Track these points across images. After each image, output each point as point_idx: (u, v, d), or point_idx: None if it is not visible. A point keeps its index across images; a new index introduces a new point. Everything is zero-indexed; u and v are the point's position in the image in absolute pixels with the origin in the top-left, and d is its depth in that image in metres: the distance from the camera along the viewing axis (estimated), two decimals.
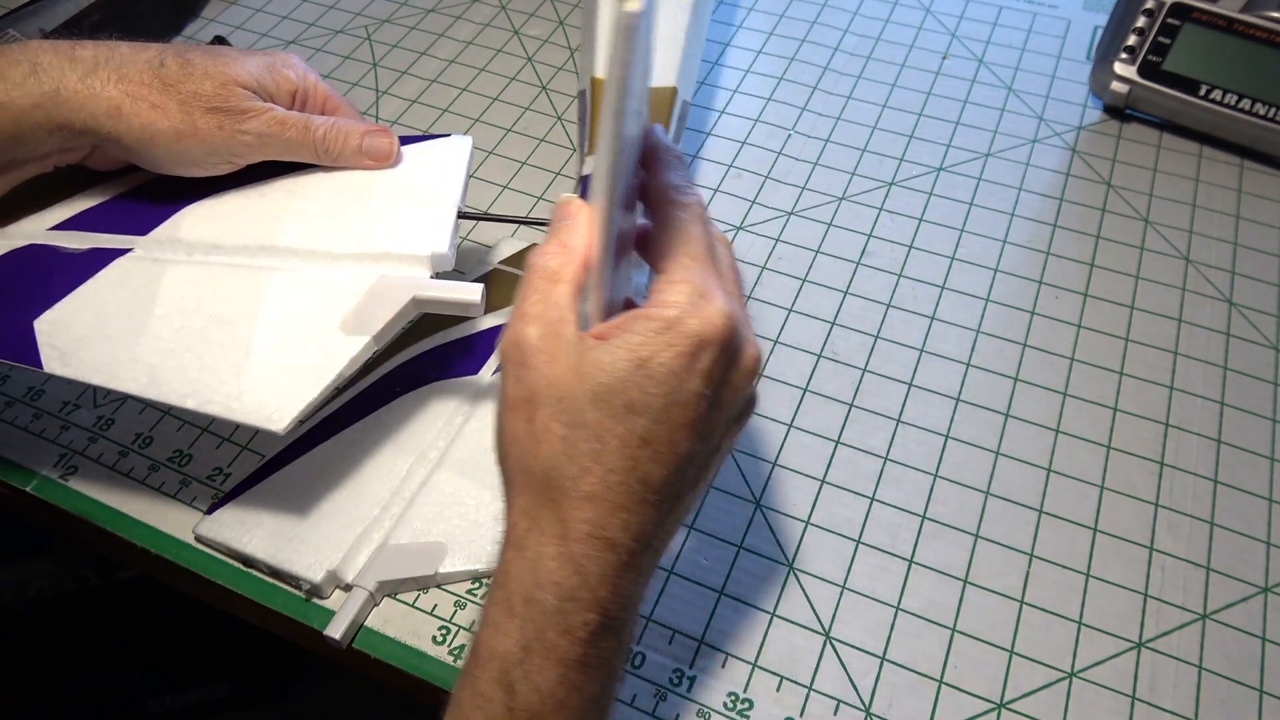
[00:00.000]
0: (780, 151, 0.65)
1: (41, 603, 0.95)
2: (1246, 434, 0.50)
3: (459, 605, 0.45)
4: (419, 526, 0.45)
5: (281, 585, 0.45)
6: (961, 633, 0.44)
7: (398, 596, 0.45)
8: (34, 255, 0.41)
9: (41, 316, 0.39)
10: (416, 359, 0.51)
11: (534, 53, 0.72)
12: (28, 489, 0.49)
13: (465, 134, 0.49)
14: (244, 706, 0.99)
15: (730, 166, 0.64)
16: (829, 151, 0.65)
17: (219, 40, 0.71)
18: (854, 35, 0.73)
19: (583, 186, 0.50)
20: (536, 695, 0.30)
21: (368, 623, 0.44)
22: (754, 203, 0.62)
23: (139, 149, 0.42)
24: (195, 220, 0.43)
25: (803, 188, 0.63)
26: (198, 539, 0.47)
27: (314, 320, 0.40)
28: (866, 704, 0.42)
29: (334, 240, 0.43)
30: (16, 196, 0.44)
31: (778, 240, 0.60)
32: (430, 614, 0.44)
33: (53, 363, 0.39)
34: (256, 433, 0.51)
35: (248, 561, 0.46)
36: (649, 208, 0.34)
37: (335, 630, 0.43)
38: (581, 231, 0.32)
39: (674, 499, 0.31)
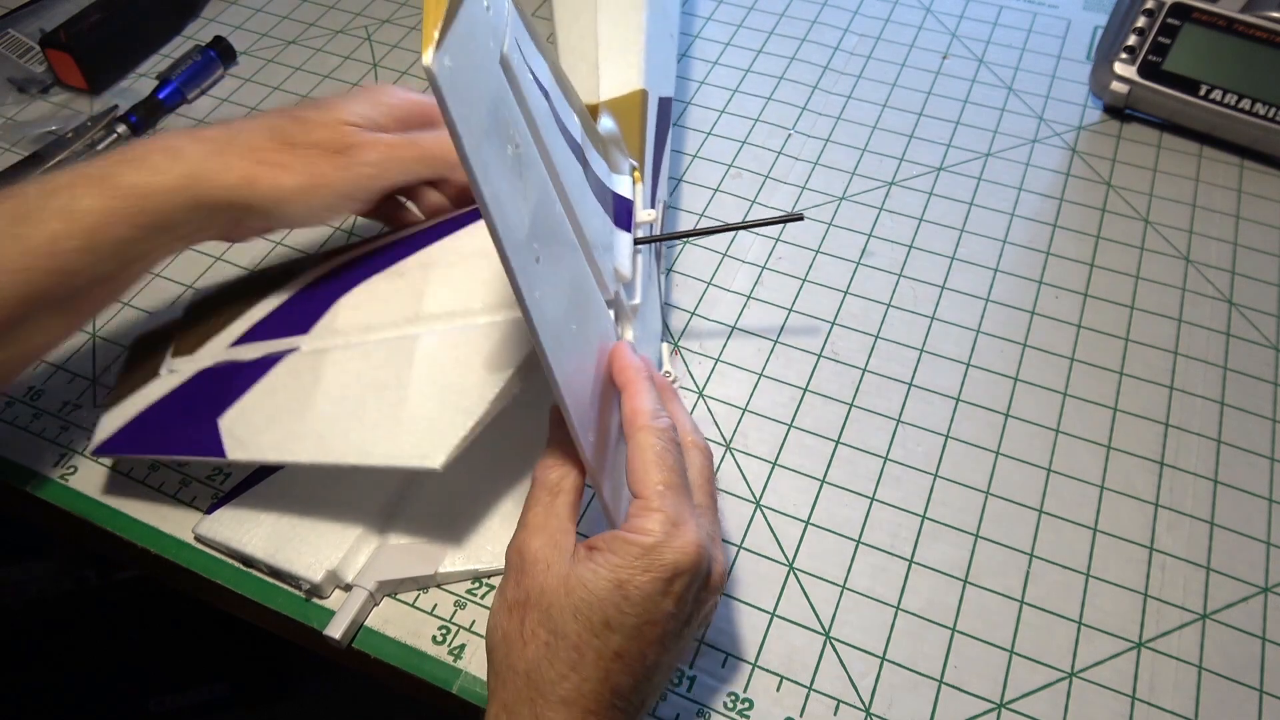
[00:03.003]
0: (780, 151, 0.65)
1: (42, 603, 0.95)
2: (1246, 434, 0.50)
3: (459, 605, 0.45)
4: (419, 526, 0.45)
5: (281, 585, 0.45)
6: (961, 633, 0.44)
7: (398, 596, 0.45)
8: (219, 371, 0.46)
9: (224, 415, 0.44)
10: None
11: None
12: (28, 489, 0.49)
13: None
14: (244, 706, 0.99)
15: (730, 166, 0.64)
16: (829, 151, 0.65)
17: (219, 40, 0.71)
18: (854, 35, 0.73)
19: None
20: None
21: (368, 622, 0.44)
22: (754, 203, 0.62)
23: (274, 210, 0.44)
24: (347, 310, 0.46)
25: (803, 188, 0.63)
26: (197, 539, 0.47)
27: (461, 368, 0.41)
28: (866, 704, 0.42)
29: (472, 298, 0.44)
30: (201, 326, 0.49)
31: (778, 240, 0.60)
32: (430, 614, 0.44)
33: (234, 451, 0.42)
34: None
35: (247, 561, 0.46)
36: (624, 432, 0.36)
37: (335, 630, 0.43)
38: (572, 446, 0.35)
39: (640, 705, 0.34)
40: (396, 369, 0.42)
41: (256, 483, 0.47)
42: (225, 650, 0.98)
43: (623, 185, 0.48)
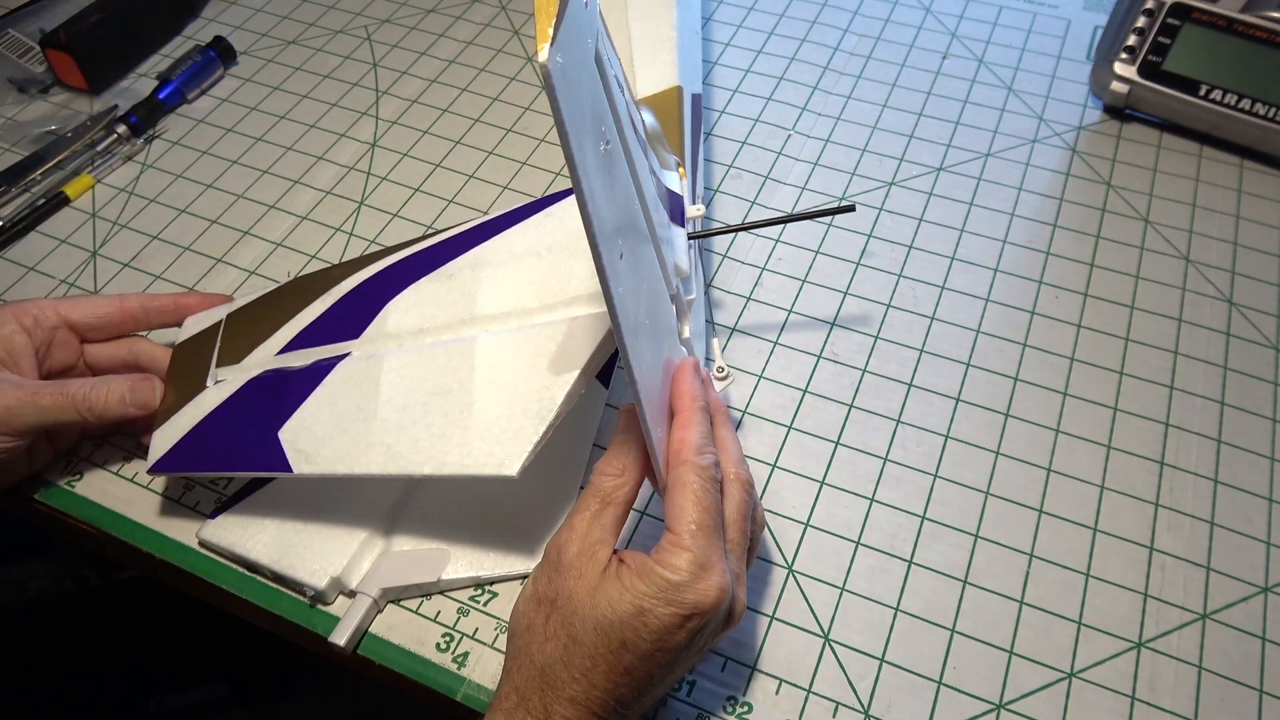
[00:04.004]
0: (780, 151, 0.65)
1: (42, 603, 0.95)
2: (1246, 434, 0.50)
3: (462, 612, 0.45)
4: (423, 532, 0.45)
5: (285, 590, 0.45)
6: (961, 633, 0.44)
7: (401, 603, 0.45)
8: (268, 380, 0.46)
9: (284, 427, 0.43)
10: None
11: (534, 53, 0.72)
12: (33, 494, 0.49)
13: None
14: (244, 706, 0.99)
15: (730, 166, 0.64)
16: (829, 151, 0.65)
17: (219, 40, 0.71)
18: (854, 35, 0.73)
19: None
20: None
21: (372, 629, 0.44)
22: (754, 203, 0.62)
23: None
24: (398, 313, 0.46)
25: (803, 188, 0.63)
26: (201, 544, 0.47)
27: (525, 371, 0.41)
28: (866, 706, 0.42)
29: (526, 297, 0.44)
30: (244, 334, 0.48)
31: (778, 240, 0.60)
32: (434, 620, 0.44)
33: (300, 465, 0.42)
34: None
35: (251, 567, 0.46)
36: (668, 461, 0.37)
37: (340, 637, 0.43)
38: (638, 450, 0.37)
39: (638, 711, 0.37)
40: (457, 373, 0.42)
41: (260, 488, 0.47)
42: (225, 650, 0.98)
43: (673, 181, 0.48)
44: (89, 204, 0.63)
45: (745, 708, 0.42)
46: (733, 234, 0.59)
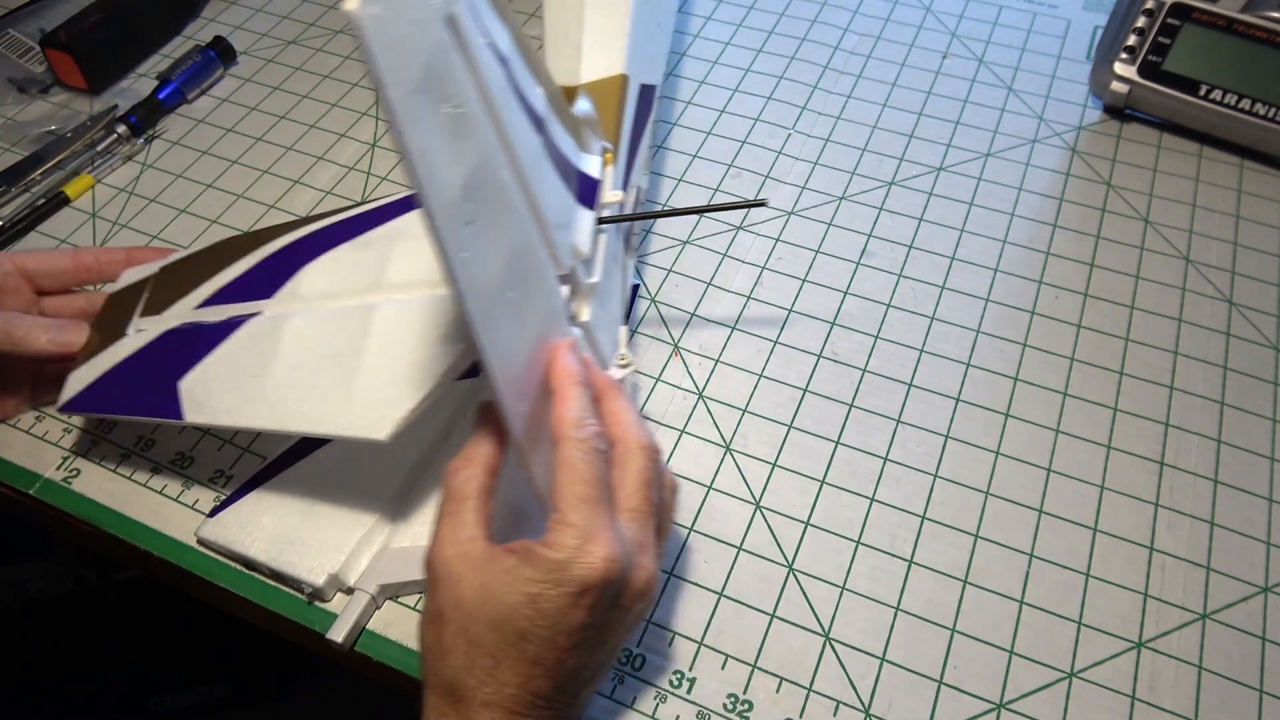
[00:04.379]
0: (780, 151, 0.65)
1: (42, 603, 0.95)
2: (1246, 434, 0.50)
3: None
4: (420, 529, 0.45)
5: (283, 588, 0.45)
6: (961, 633, 0.44)
7: (399, 599, 0.45)
8: (183, 332, 0.47)
9: (185, 377, 0.44)
10: None
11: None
12: (31, 491, 0.49)
13: None
14: (244, 706, 0.99)
15: (730, 166, 0.64)
16: (829, 151, 0.65)
17: (219, 40, 0.71)
18: (854, 34, 0.73)
19: None
20: None
21: (370, 625, 0.44)
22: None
23: None
24: (311, 277, 0.47)
25: (803, 187, 0.63)
26: (200, 542, 0.47)
27: (415, 340, 0.41)
28: (866, 705, 0.42)
29: (434, 269, 0.44)
30: (171, 286, 0.50)
31: (778, 240, 0.60)
32: None
33: (191, 414, 0.43)
34: (258, 435, 0.51)
35: (249, 564, 0.46)
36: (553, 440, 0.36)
37: (338, 634, 0.43)
38: (486, 439, 0.37)
39: (569, 699, 0.35)
40: (352, 338, 0.43)
41: (258, 485, 0.47)
42: (225, 650, 0.98)
43: (591, 165, 0.48)
44: (89, 204, 0.63)
45: (746, 705, 0.42)
46: (733, 234, 0.59)
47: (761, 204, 0.51)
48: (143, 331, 0.48)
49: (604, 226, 0.47)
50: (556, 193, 0.42)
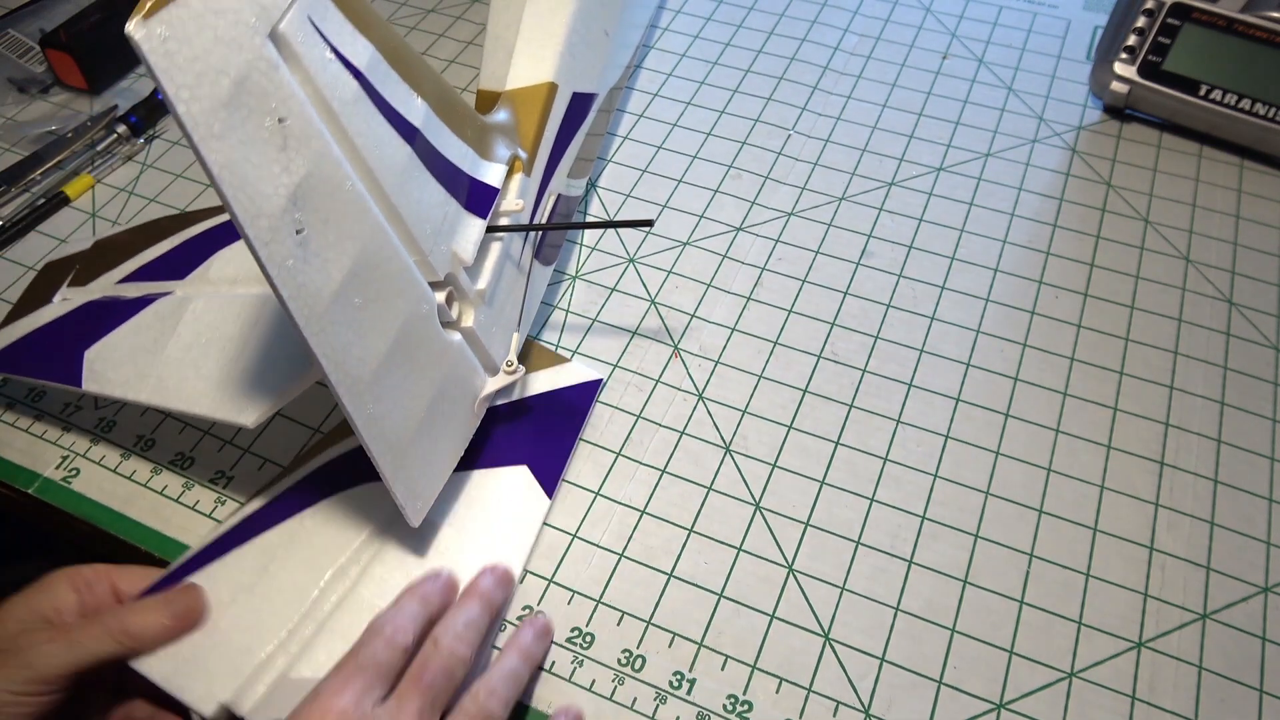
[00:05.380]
0: (780, 151, 0.65)
1: None
2: (1246, 434, 0.50)
3: None
4: (326, 658, 0.40)
5: None
6: (961, 633, 0.44)
7: None
8: (101, 304, 0.49)
9: (91, 348, 0.47)
10: (350, 454, 0.47)
11: None
12: (30, 491, 0.49)
13: None
14: None
15: (730, 167, 0.64)
16: (829, 151, 0.65)
17: None
18: (854, 35, 0.73)
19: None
20: None
21: None
22: (754, 203, 0.62)
23: None
24: (222, 262, 0.49)
25: (803, 188, 0.63)
26: None
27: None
28: (866, 705, 0.42)
29: None
30: (100, 260, 0.53)
31: (778, 240, 0.60)
32: None
33: (89, 383, 0.45)
34: (259, 436, 0.51)
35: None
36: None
37: None
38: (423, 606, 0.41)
39: None
40: (242, 324, 0.44)
41: (171, 584, 0.43)
42: None
43: (491, 173, 0.47)
44: (89, 204, 0.63)
45: (746, 706, 0.42)
46: (732, 233, 0.59)
47: (649, 224, 0.49)
48: (67, 301, 0.51)
49: (500, 234, 0.48)
50: (433, 201, 0.42)
